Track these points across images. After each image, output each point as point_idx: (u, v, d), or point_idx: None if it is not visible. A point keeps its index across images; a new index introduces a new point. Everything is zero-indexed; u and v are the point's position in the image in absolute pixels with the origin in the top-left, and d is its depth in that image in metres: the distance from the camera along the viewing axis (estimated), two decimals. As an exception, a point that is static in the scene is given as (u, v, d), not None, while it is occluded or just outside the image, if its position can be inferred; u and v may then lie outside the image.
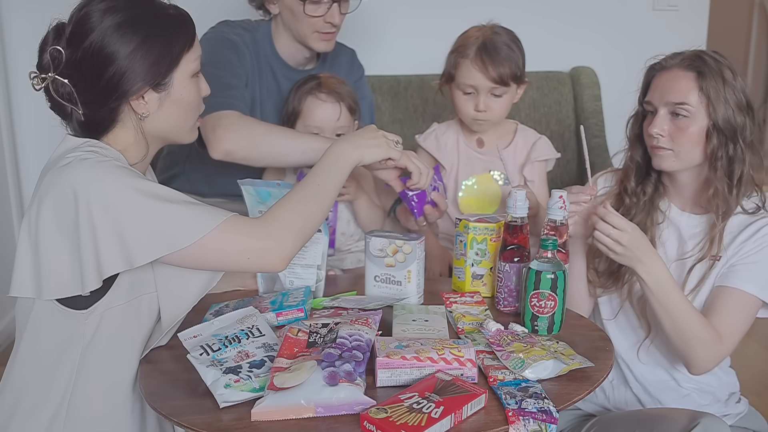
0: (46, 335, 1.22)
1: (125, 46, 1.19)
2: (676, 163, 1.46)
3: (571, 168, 2.61)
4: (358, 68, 2.09)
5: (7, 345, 2.73)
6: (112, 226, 1.12)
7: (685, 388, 1.54)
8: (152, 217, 1.14)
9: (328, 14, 1.82)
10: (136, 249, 1.14)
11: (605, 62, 2.72)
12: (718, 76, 1.40)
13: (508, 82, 1.78)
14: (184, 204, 1.17)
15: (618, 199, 1.56)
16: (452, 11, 2.60)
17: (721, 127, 1.40)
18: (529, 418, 1.04)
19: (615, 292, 1.54)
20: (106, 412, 1.23)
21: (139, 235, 1.13)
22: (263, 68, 1.92)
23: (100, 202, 1.12)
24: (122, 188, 1.14)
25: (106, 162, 1.17)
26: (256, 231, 1.19)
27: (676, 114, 1.43)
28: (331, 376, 1.06)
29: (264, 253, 1.19)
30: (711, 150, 1.42)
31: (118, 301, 1.21)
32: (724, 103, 1.40)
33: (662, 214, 1.52)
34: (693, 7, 2.82)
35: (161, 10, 1.25)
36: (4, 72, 2.71)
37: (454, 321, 1.36)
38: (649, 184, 1.53)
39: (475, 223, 1.47)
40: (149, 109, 1.24)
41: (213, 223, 1.16)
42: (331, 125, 1.76)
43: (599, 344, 1.30)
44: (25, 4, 2.64)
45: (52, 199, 1.14)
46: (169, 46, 1.23)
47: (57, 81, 1.19)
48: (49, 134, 1.30)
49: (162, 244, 1.14)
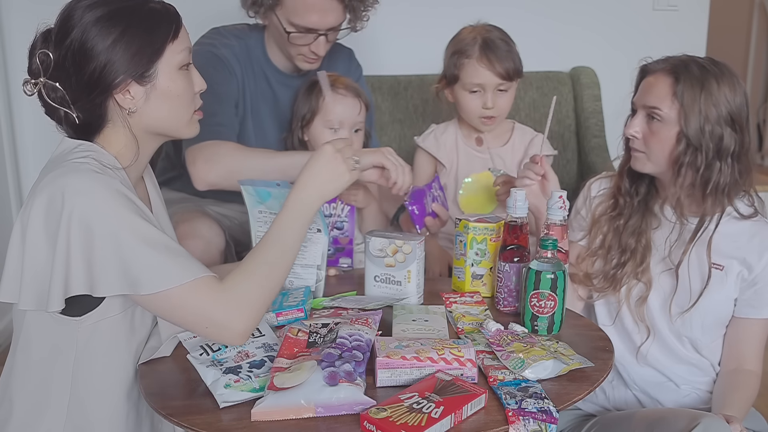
0: (39, 341, 1.20)
1: (104, 40, 1.16)
2: (648, 166, 1.47)
3: (571, 168, 2.61)
4: (356, 68, 2.08)
5: (8, 345, 2.73)
6: (85, 248, 1.10)
7: (684, 389, 1.54)
8: (124, 255, 1.10)
9: (313, 44, 1.81)
10: (100, 279, 1.11)
11: (605, 62, 2.72)
12: (698, 84, 1.38)
13: (514, 76, 1.81)
14: (163, 251, 1.12)
15: (614, 200, 1.56)
16: (452, 11, 2.59)
17: (690, 137, 1.39)
18: (529, 418, 1.04)
19: (613, 295, 1.54)
20: (101, 418, 1.22)
21: (106, 267, 1.10)
22: (257, 74, 1.91)
23: (82, 220, 1.09)
24: (108, 216, 1.10)
25: (103, 179, 1.13)
26: (221, 304, 1.14)
27: (651, 117, 1.44)
28: (331, 376, 1.06)
29: (222, 330, 1.14)
30: (675, 156, 1.41)
31: (112, 312, 1.19)
32: (698, 113, 1.38)
33: (657, 219, 1.52)
34: (693, 7, 2.82)
35: (143, 3, 1.22)
36: (4, 73, 2.71)
37: (454, 321, 1.36)
38: (642, 185, 1.53)
39: (475, 223, 1.47)
40: (136, 104, 1.21)
41: (181, 279, 1.11)
42: (351, 120, 1.76)
43: (599, 344, 1.30)
44: (25, 4, 2.64)
45: (45, 197, 1.11)
46: (151, 37, 1.20)
47: (48, 85, 1.18)
48: (48, 135, 1.29)
49: (124, 283, 1.11)
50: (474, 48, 1.80)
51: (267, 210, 1.47)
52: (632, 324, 1.53)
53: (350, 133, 1.76)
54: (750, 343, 1.50)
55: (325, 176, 1.26)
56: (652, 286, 1.50)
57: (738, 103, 1.40)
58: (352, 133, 1.76)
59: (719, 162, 1.39)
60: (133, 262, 1.10)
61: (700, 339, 1.51)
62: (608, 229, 1.55)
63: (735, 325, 1.51)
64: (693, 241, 1.45)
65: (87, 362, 1.20)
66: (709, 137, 1.38)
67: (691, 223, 1.46)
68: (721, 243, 1.44)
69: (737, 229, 1.45)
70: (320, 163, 1.27)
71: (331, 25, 1.79)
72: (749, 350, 1.50)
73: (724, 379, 1.51)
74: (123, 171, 1.23)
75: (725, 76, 1.40)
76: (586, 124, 2.61)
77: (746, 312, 1.49)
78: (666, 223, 1.51)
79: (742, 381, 1.48)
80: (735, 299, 1.49)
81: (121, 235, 1.10)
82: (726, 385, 1.50)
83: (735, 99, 1.40)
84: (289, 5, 1.77)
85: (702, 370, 1.54)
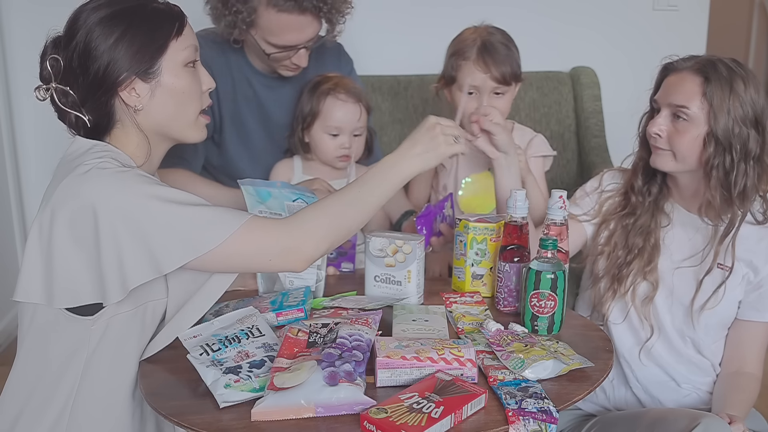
0: (51, 341, 1.21)
1: (107, 39, 1.19)
2: (674, 165, 1.46)
3: (571, 168, 2.61)
4: (346, 62, 2.04)
5: (8, 345, 2.73)
6: (137, 237, 1.12)
7: (684, 388, 1.54)
8: (176, 223, 1.14)
9: (294, 57, 1.78)
10: (163, 256, 1.13)
11: (605, 62, 2.72)
12: (727, 85, 1.38)
13: (510, 80, 1.79)
14: (205, 207, 1.17)
15: (624, 197, 1.55)
16: (452, 10, 2.59)
17: (719, 137, 1.38)
18: (529, 418, 1.04)
19: (621, 297, 1.53)
20: (107, 417, 1.23)
21: (165, 243, 1.13)
22: (237, 80, 1.88)
23: (123, 215, 1.12)
24: (142, 198, 1.13)
25: (124, 173, 1.17)
26: (278, 232, 1.19)
27: (677, 116, 1.43)
28: (331, 376, 1.06)
29: (285, 253, 1.19)
30: (706, 158, 1.40)
31: (125, 308, 1.20)
32: (726, 113, 1.37)
33: (667, 218, 1.52)
34: (693, 7, 2.82)
35: (147, 3, 1.24)
36: (4, 73, 2.71)
37: (454, 321, 1.36)
38: (655, 185, 1.52)
39: (475, 223, 1.47)
40: (141, 102, 1.23)
41: (236, 224, 1.16)
42: (351, 125, 1.76)
43: (599, 344, 1.30)
44: (25, 5, 2.64)
45: (69, 211, 1.13)
46: (153, 34, 1.22)
47: (59, 90, 1.21)
48: (49, 136, 1.31)
49: (189, 248, 1.14)
50: (472, 50, 1.79)
51: (267, 210, 1.47)
52: (638, 322, 1.53)
53: (350, 138, 1.76)
54: (752, 345, 1.50)
55: (420, 146, 1.29)
56: (660, 285, 1.50)
57: (762, 105, 1.40)
58: (351, 137, 1.76)
59: (744, 164, 1.39)
60: (187, 227, 1.14)
61: (702, 339, 1.51)
62: (616, 227, 1.55)
63: (737, 328, 1.51)
64: (722, 245, 1.43)
65: (98, 360, 1.21)
66: (737, 138, 1.38)
67: (708, 224, 1.46)
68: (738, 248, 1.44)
69: (746, 232, 1.45)
70: (419, 132, 1.31)
71: (310, 38, 1.76)
72: (751, 353, 1.50)
73: (725, 381, 1.51)
74: (139, 169, 1.24)
75: (750, 77, 1.40)
76: (586, 124, 2.61)
77: (749, 315, 1.49)
78: (677, 222, 1.51)
79: (743, 383, 1.48)
80: (739, 301, 1.49)
81: (163, 208, 1.13)
82: (726, 386, 1.50)
83: (759, 100, 1.40)
84: (264, 26, 1.73)
85: (703, 370, 1.54)
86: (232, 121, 1.88)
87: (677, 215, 1.51)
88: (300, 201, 1.42)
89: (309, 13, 1.70)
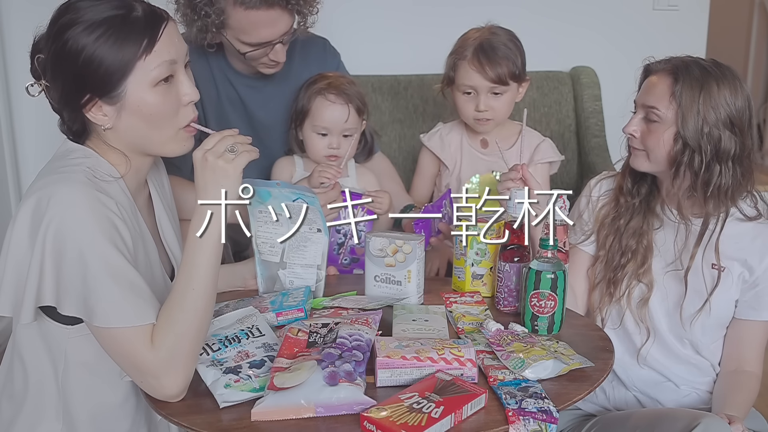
0: (30, 345, 1.20)
1: (73, 58, 1.11)
2: (648, 165, 1.47)
3: (571, 168, 2.61)
4: (332, 56, 2.01)
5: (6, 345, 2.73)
6: (56, 262, 1.08)
7: (683, 389, 1.54)
8: (87, 281, 1.07)
9: (271, 53, 1.76)
10: (64, 297, 1.09)
11: (605, 62, 2.72)
12: (697, 86, 1.38)
13: (507, 81, 1.78)
14: (126, 288, 1.08)
15: (614, 200, 1.56)
16: (453, 10, 2.60)
17: (687, 138, 1.38)
18: (529, 418, 1.04)
19: (617, 302, 1.53)
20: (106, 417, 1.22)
21: (69, 288, 1.08)
22: (220, 82, 1.86)
23: (57, 234, 1.07)
24: (82, 238, 1.07)
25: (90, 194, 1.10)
26: (159, 363, 1.08)
27: (649, 116, 1.44)
28: (331, 376, 1.06)
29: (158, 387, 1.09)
30: (673, 156, 1.41)
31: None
32: (696, 114, 1.37)
33: (658, 219, 1.52)
34: (693, 7, 2.82)
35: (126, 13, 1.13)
36: (4, 73, 2.71)
37: (454, 321, 1.36)
38: (644, 185, 1.53)
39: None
40: (109, 122, 1.16)
41: (129, 321, 1.08)
42: (339, 126, 1.76)
43: (599, 344, 1.30)
44: (25, 5, 2.64)
45: (33, 202, 1.09)
46: (118, 54, 1.11)
47: (46, 86, 1.17)
48: (48, 135, 1.29)
49: (82, 308, 1.09)
50: (469, 50, 1.79)
51: (267, 210, 1.47)
52: (633, 325, 1.53)
53: (339, 139, 1.76)
54: (750, 344, 1.50)
55: (211, 186, 1.11)
56: (654, 287, 1.50)
57: (739, 107, 1.39)
58: (341, 138, 1.76)
59: (719, 164, 1.39)
60: (93, 291, 1.08)
61: (700, 340, 1.51)
62: (609, 231, 1.55)
63: (735, 327, 1.51)
64: (699, 245, 1.44)
65: (77, 371, 1.19)
66: (707, 139, 1.38)
67: (695, 224, 1.46)
68: (724, 244, 1.44)
69: (740, 231, 1.45)
70: (198, 176, 1.13)
71: (283, 32, 1.74)
72: (749, 352, 1.50)
73: (725, 380, 1.51)
74: (121, 180, 1.20)
75: (726, 78, 1.39)
76: (586, 124, 2.61)
77: (747, 314, 1.49)
78: (668, 224, 1.51)
79: (743, 382, 1.48)
80: (736, 301, 1.49)
81: (89, 261, 1.07)
82: (726, 386, 1.50)
83: (735, 102, 1.38)
84: (235, 26, 1.70)
85: (702, 370, 1.54)
86: (218, 125, 1.86)
87: (667, 217, 1.52)
88: (300, 201, 1.42)
89: (277, 7, 1.69)
